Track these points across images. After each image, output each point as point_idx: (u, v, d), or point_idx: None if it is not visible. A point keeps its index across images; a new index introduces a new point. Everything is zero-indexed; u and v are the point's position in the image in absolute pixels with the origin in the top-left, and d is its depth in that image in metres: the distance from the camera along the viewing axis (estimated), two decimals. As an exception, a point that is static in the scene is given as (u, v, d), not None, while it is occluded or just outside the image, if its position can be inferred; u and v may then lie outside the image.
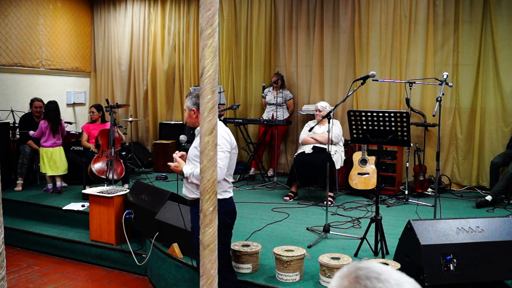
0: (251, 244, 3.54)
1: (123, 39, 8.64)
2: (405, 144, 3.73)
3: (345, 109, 6.51)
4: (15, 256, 4.89)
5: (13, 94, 7.44)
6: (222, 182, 2.89)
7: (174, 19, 8.28)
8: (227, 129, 2.99)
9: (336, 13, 6.89)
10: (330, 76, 6.98)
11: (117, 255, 4.57)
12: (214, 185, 1.29)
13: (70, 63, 8.53)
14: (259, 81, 7.44)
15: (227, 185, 2.97)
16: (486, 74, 6.04)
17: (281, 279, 3.28)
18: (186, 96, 3.11)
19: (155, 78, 8.41)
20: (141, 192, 4.63)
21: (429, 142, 6.30)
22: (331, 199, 5.46)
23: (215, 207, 1.29)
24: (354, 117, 3.74)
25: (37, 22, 7.83)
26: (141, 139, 8.60)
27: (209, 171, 1.28)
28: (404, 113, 3.58)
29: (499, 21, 5.90)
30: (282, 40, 7.36)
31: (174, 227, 3.84)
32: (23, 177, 6.31)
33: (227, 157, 2.86)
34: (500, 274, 3.10)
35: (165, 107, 8.43)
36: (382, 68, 6.57)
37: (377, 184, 3.86)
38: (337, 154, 5.61)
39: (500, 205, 5.31)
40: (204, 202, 1.28)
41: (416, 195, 5.84)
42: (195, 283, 3.48)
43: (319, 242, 4.07)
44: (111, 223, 4.59)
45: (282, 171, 7.31)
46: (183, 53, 8.22)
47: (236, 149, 3.02)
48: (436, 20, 6.25)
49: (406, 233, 3.22)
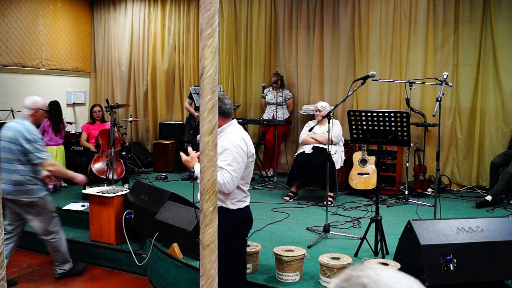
0: (251, 244, 3.54)
1: (123, 39, 8.64)
2: (405, 144, 3.73)
3: (345, 109, 6.51)
4: (15, 256, 4.88)
5: (13, 94, 7.44)
6: (236, 191, 2.77)
7: (174, 19, 8.29)
8: (244, 135, 2.84)
9: (336, 13, 6.89)
10: (330, 76, 6.99)
11: (117, 255, 4.57)
12: (214, 185, 1.29)
13: (70, 63, 8.53)
14: (259, 81, 7.44)
15: (243, 194, 2.84)
16: (486, 74, 6.04)
17: (281, 279, 3.28)
18: None
19: (155, 78, 8.41)
20: (141, 192, 4.63)
21: (429, 142, 6.30)
22: (331, 199, 5.46)
23: (215, 207, 1.29)
24: (354, 117, 3.74)
25: (37, 22, 7.83)
26: (141, 139, 8.60)
27: (209, 171, 1.28)
28: (404, 113, 3.58)
29: (499, 21, 5.91)
30: (282, 40, 7.36)
31: (174, 227, 3.84)
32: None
33: (241, 168, 2.73)
34: (500, 274, 3.10)
35: (165, 107, 8.43)
36: (382, 68, 6.57)
37: (377, 184, 3.86)
38: (337, 154, 5.61)
39: (500, 205, 5.32)
40: (204, 202, 1.28)
41: (416, 195, 5.84)
42: (195, 283, 3.48)
43: (319, 242, 4.07)
44: (111, 223, 4.58)
45: (282, 171, 7.31)
46: (183, 53, 8.22)
47: (253, 157, 2.89)
48: (436, 20, 6.25)
49: (406, 233, 3.22)
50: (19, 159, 3.81)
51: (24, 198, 3.86)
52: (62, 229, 4.21)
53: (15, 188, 3.82)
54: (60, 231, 4.17)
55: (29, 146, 3.79)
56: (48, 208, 4.03)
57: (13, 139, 3.80)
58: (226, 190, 2.67)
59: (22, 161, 3.82)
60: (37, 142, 3.84)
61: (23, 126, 3.85)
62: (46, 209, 4.00)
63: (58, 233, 4.13)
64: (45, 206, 3.98)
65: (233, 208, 2.79)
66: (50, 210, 4.05)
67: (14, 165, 3.81)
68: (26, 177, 3.84)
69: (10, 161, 3.81)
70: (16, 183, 3.82)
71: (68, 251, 4.26)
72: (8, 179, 3.81)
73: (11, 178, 3.81)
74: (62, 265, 4.22)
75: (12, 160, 3.81)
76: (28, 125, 3.88)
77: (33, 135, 3.83)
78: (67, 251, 4.23)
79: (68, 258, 4.24)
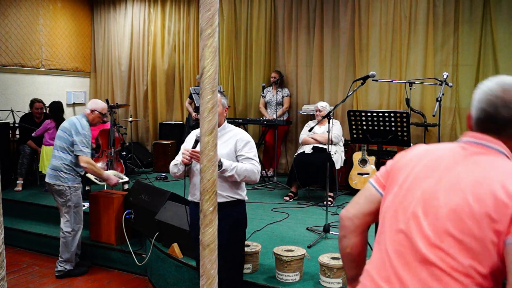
0: (251, 244, 3.54)
1: (123, 39, 8.64)
2: (405, 144, 3.73)
3: (345, 109, 6.51)
4: (15, 256, 4.89)
5: (13, 94, 7.44)
6: (243, 184, 2.91)
7: (174, 19, 8.29)
8: None
9: (336, 13, 6.89)
10: (330, 76, 6.98)
11: (117, 255, 4.57)
12: (214, 185, 1.29)
13: (70, 63, 8.53)
14: (259, 81, 7.43)
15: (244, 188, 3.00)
16: (486, 74, 6.03)
17: (281, 279, 3.28)
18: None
19: (155, 78, 8.41)
20: (141, 192, 4.63)
21: (429, 142, 6.29)
22: (331, 199, 5.46)
23: (215, 207, 1.29)
24: (354, 117, 3.74)
25: (37, 22, 7.83)
26: (141, 139, 8.60)
27: (209, 171, 1.28)
28: (404, 113, 3.58)
29: (499, 21, 5.90)
30: (282, 40, 7.36)
31: (174, 227, 3.84)
32: (23, 177, 6.32)
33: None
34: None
35: (165, 107, 8.43)
36: (382, 68, 6.57)
37: (377, 184, 3.86)
38: (337, 154, 5.61)
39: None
40: (204, 202, 1.28)
41: (416, 195, 5.83)
42: (195, 283, 3.48)
43: (319, 242, 4.08)
44: (111, 223, 4.59)
45: (282, 171, 7.31)
46: (183, 53, 8.22)
47: None
48: (436, 20, 6.25)
49: (406, 233, 3.21)
50: (65, 147, 4.17)
51: (56, 184, 4.15)
52: (81, 230, 4.32)
53: (52, 173, 4.18)
54: (78, 230, 4.29)
55: (76, 138, 4.15)
56: (74, 201, 4.20)
57: (67, 129, 4.20)
58: (255, 180, 2.84)
59: (67, 150, 4.18)
60: (85, 137, 4.19)
61: (79, 121, 4.24)
62: (72, 201, 4.18)
63: (75, 231, 4.25)
64: (71, 198, 4.18)
65: (245, 199, 2.96)
66: (75, 204, 4.21)
67: (60, 152, 4.19)
68: (63, 164, 4.14)
69: (59, 148, 4.19)
70: (54, 168, 4.18)
71: (76, 254, 4.31)
72: (51, 164, 4.22)
73: (52, 163, 4.21)
74: (64, 263, 4.27)
75: (61, 147, 4.19)
76: (83, 121, 4.26)
77: (83, 130, 4.19)
78: (75, 253, 4.29)
79: (72, 260, 4.29)
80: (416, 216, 1.25)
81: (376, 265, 1.33)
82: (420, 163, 1.35)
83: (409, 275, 1.21)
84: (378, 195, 1.44)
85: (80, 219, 4.29)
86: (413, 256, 1.22)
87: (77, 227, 4.27)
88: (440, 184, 1.25)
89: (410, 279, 1.20)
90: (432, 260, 1.18)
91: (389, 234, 1.31)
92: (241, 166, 2.75)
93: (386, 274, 1.27)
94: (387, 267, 1.28)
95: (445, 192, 1.22)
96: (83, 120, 4.27)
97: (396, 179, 1.38)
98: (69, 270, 4.28)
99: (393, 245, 1.29)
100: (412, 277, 1.20)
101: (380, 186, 1.45)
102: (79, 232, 4.29)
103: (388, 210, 1.36)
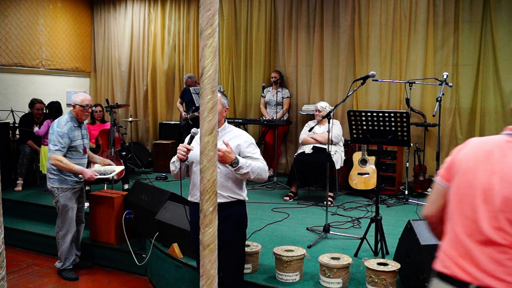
0: (251, 244, 3.54)
1: (123, 39, 8.65)
2: (405, 144, 3.73)
3: (345, 109, 6.51)
4: (15, 256, 4.89)
5: (13, 94, 7.44)
6: (244, 185, 2.93)
7: (174, 19, 8.29)
8: None
9: (336, 13, 6.89)
10: (330, 76, 6.98)
11: (117, 255, 4.57)
12: (214, 185, 1.29)
13: (70, 63, 8.53)
14: (259, 81, 7.44)
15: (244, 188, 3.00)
16: (486, 74, 6.04)
17: (281, 279, 3.28)
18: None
19: (155, 78, 8.42)
20: (141, 192, 4.63)
21: (429, 142, 6.30)
22: (331, 199, 5.46)
23: (215, 207, 1.29)
24: (354, 117, 3.74)
25: (37, 22, 7.83)
26: (141, 139, 8.60)
27: (209, 171, 1.28)
28: (404, 113, 3.58)
29: (499, 21, 5.90)
30: (282, 40, 7.36)
31: (174, 227, 3.84)
32: (23, 177, 6.32)
33: None
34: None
35: (165, 107, 8.43)
36: (382, 68, 6.57)
37: (377, 184, 3.86)
38: (337, 154, 5.61)
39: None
40: (204, 202, 1.28)
41: (416, 195, 5.84)
42: (195, 283, 3.48)
43: (319, 242, 4.07)
44: (111, 223, 4.59)
45: (282, 171, 7.31)
46: (183, 53, 8.23)
47: None
48: (436, 20, 6.25)
49: (406, 233, 3.22)
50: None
51: (48, 184, 4.14)
52: (70, 234, 4.22)
53: (46, 173, 4.16)
54: (67, 232, 4.20)
55: (50, 136, 4.06)
56: (61, 202, 4.13)
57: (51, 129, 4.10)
58: (265, 177, 2.86)
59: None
60: (58, 134, 3.98)
61: (59, 119, 4.13)
62: (60, 202, 4.13)
63: (62, 231, 4.19)
64: (59, 199, 4.12)
65: (246, 199, 2.96)
66: (62, 205, 4.14)
67: (49, 153, 4.07)
68: (51, 165, 4.05)
69: (49, 149, 4.09)
70: (47, 168, 4.15)
71: (67, 255, 4.26)
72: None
73: (47, 164, 4.17)
74: (58, 261, 4.31)
75: (49, 148, 4.07)
76: (62, 118, 4.13)
77: (58, 128, 4.02)
78: (65, 253, 4.25)
79: (62, 259, 4.27)
80: (477, 205, 1.52)
81: (452, 244, 1.58)
82: (475, 157, 1.60)
83: (479, 252, 1.49)
84: (444, 188, 1.70)
85: (64, 222, 4.16)
86: (480, 237, 1.49)
87: (63, 226, 4.16)
88: (494, 175, 1.50)
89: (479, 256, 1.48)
90: (496, 240, 1.46)
91: (458, 219, 1.57)
92: (255, 163, 2.78)
93: (460, 252, 1.54)
94: (459, 247, 1.55)
95: (498, 182, 1.48)
96: (65, 117, 4.12)
97: (457, 171, 1.64)
98: (58, 269, 4.30)
99: (462, 228, 1.55)
100: (481, 254, 1.48)
101: (444, 179, 1.71)
102: (67, 236, 4.19)
103: (455, 199, 1.61)
